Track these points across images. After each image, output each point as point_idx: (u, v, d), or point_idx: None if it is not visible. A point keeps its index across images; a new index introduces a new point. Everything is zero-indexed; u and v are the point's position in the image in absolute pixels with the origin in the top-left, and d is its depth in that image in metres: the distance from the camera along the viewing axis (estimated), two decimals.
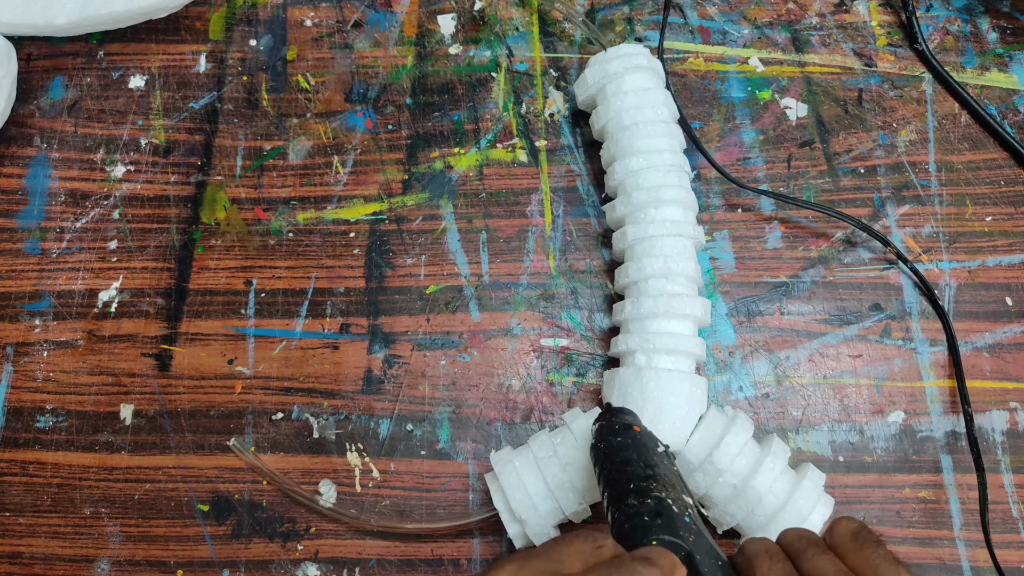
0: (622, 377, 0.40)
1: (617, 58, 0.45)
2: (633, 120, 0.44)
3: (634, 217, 0.43)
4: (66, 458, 0.44)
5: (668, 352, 0.40)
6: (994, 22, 0.52)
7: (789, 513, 0.37)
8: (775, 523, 0.37)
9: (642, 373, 0.39)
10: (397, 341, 0.46)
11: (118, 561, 0.42)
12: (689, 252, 0.42)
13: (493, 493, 0.39)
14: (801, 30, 0.52)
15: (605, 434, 0.34)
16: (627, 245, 0.43)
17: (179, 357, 0.46)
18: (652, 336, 0.40)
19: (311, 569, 0.42)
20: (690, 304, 0.40)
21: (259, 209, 0.48)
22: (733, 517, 0.38)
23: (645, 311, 0.41)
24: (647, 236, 0.42)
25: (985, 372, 0.44)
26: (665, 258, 0.41)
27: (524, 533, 0.38)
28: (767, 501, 0.37)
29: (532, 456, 0.39)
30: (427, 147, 0.49)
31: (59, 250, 0.48)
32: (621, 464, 0.31)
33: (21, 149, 0.50)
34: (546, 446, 0.39)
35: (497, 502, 0.39)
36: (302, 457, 0.44)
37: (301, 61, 0.52)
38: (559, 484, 0.38)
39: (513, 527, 0.38)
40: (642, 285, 0.41)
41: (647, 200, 0.42)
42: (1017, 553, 0.41)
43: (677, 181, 0.42)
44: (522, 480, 0.38)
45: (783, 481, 0.38)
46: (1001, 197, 0.48)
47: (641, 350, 0.40)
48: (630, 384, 0.39)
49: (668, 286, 0.41)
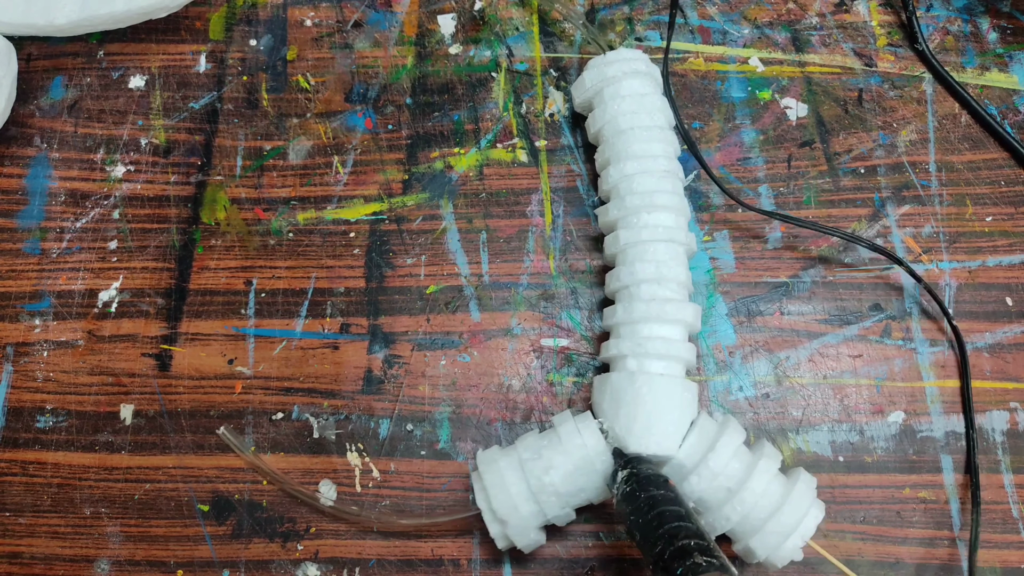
0: (614, 383, 0.40)
1: (616, 62, 0.45)
2: (629, 125, 0.43)
3: (626, 221, 0.43)
4: (66, 458, 0.44)
5: (660, 357, 0.40)
6: (994, 22, 0.52)
7: (784, 516, 0.37)
8: (770, 525, 0.37)
9: (635, 378, 0.39)
10: (397, 341, 0.46)
11: (118, 561, 0.42)
12: (681, 258, 0.41)
13: (476, 492, 0.39)
14: (801, 30, 0.52)
15: (645, 484, 0.34)
16: (619, 249, 0.43)
17: (179, 357, 0.46)
18: (644, 341, 0.40)
19: (311, 569, 0.42)
20: (682, 309, 0.40)
21: (259, 209, 0.48)
22: (728, 520, 0.38)
23: (637, 315, 0.40)
24: (640, 241, 0.42)
25: (985, 372, 0.44)
26: (657, 263, 0.41)
27: (505, 534, 0.38)
28: (761, 504, 0.37)
29: (517, 457, 0.39)
30: (427, 147, 0.49)
31: (59, 250, 0.48)
32: (672, 518, 0.32)
33: (21, 149, 0.50)
34: (532, 448, 0.39)
35: (480, 501, 0.39)
36: (302, 457, 0.44)
37: (301, 61, 0.52)
38: (541, 487, 0.38)
39: (495, 527, 0.38)
40: (633, 290, 0.41)
41: (640, 205, 0.42)
42: (1017, 553, 0.41)
43: (671, 187, 0.42)
44: (504, 480, 0.38)
45: (776, 484, 0.38)
46: (1001, 197, 0.48)
47: (633, 355, 0.40)
48: (623, 390, 0.39)
49: (660, 291, 0.41)
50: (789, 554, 0.37)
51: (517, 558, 0.42)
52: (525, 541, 0.38)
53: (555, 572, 0.42)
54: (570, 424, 0.39)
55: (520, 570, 0.42)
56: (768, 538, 0.37)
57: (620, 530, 0.42)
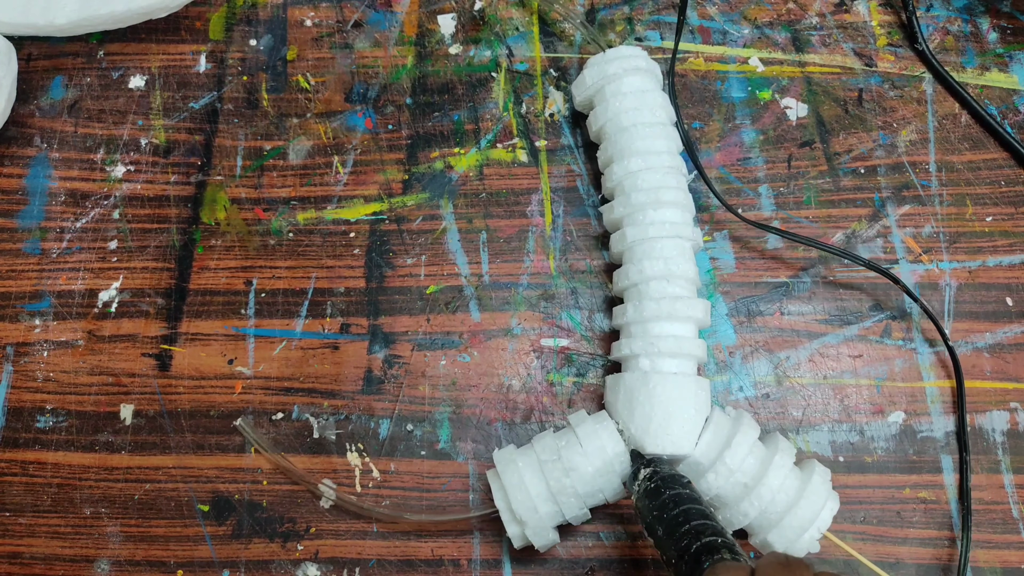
0: (627, 383, 0.40)
1: (616, 59, 0.45)
2: (632, 122, 0.43)
3: (633, 219, 0.43)
4: (66, 458, 0.44)
5: (672, 355, 0.40)
6: (994, 22, 0.52)
7: (801, 510, 0.37)
8: (787, 519, 0.37)
9: (648, 378, 0.39)
10: (397, 341, 0.46)
11: (118, 561, 0.42)
12: (688, 254, 0.41)
13: (495, 491, 0.39)
14: (801, 30, 0.52)
15: (669, 482, 0.35)
16: (626, 247, 0.43)
17: (179, 357, 0.46)
18: (655, 339, 0.40)
19: (311, 569, 0.42)
20: (692, 306, 0.40)
21: (259, 209, 0.48)
22: (746, 516, 0.38)
23: (648, 314, 0.40)
24: (647, 238, 0.42)
25: (985, 372, 0.44)
26: (666, 260, 0.41)
27: (523, 534, 0.38)
28: (778, 498, 0.37)
29: (536, 458, 0.39)
30: (427, 147, 0.49)
31: (59, 250, 0.48)
32: (698, 515, 0.32)
33: (21, 149, 0.50)
34: (550, 448, 0.39)
35: (498, 500, 0.39)
36: (302, 457, 0.44)
37: (301, 61, 0.52)
38: (561, 488, 0.38)
39: (513, 527, 0.38)
40: (643, 287, 0.41)
41: (646, 201, 0.42)
42: (1017, 553, 0.41)
43: (675, 183, 0.42)
44: (524, 481, 0.38)
45: (792, 478, 0.38)
46: (1001, 197, 0.48)
47: (645, 354, 0.40)
48: (636, 389, 0.39)
49: (669, 288, 0.41)
50: (806, 546, 0.37)
51: (517, 558, 0.42)
52: (543, 541, 0.38)
53: (555, 572, 0.42)
54: (589, 426, 0.39)
55: (520, 570, 0.42)
56: (786, 532, 0.37)
57: (620, 530, 0.42)
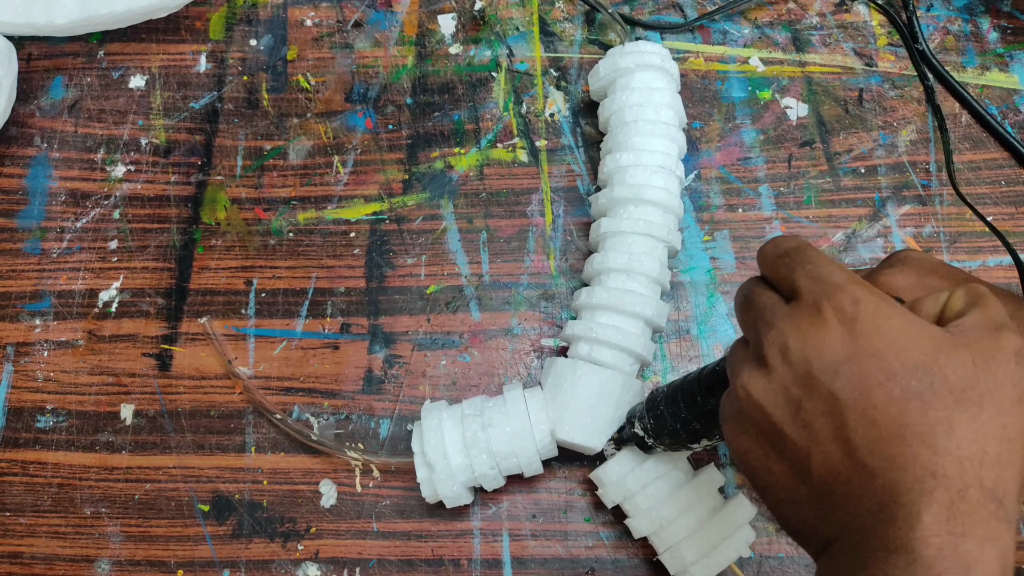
0: (558, 366, 0.41)
1: (631, 53, 0.45)
2: (633, 117, 0.44)
3: (612, 211, 0.43)
4: (66, 458, 0.44)
5: (611, 346, 0.40)
6: (995, 22, 0.52)
7: (711, 530, 0.39)
8: (701, 533, 0.38)
9: (577, 366, 0.40)
10: (397, 341, 0.46)
11: (118, 561, 0.42)
12: (657, 254, 0.42)
13: (414, 437, 0.40)
14: (801, 30, 0.52)
15: (675, 386, 0.37)
16: (599, 236, 0.43)
17: (179, 357, 0.46)
18: (597, 327, 0.40)
19: (311, 569, 0.42)
20: (643, 303, 0.40)
21: (259, 209, 0.48)
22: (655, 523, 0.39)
23: (596, 301, 0.41)
24: (619, 231, 0.42)
25: None
26: (631, 255, 0.41)
27: (431, 480, 0.39)
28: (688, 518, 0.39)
29: (460, 411, 0.40)
30: (427, 147, 0.49)
31: (59, 250, 0.48)
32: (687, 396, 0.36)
33: (21, 149, 0.50)
34: (476, 405, 0.40)
35: (414, 444, 0.40)
36: (302, 457, 0.44)
37: (301, 61, 0.52)
38: (475, 441, 0.39)
39: (422, 471, 0.40)
40: (603, 277, 0.42)
41: (627, 197, 0.42)
42: (1017, 554, 0.41)
43: (663, 183, 0.42)
44: (442, 427, 0.39)
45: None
46: (1001, 197, 0.48)
47: (585, 339, 0.41)
48: (564, 376, 0.40)
49: (627, 282, 0.41)
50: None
51: (517, 558, 0.42)
52: (448, 492, 0.39)
53: (555, 572, 0.42)
54: (518, 392, 0.40)
55: (520, 570, 0.42)
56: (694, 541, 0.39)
57: (620, 530, 0.42)
